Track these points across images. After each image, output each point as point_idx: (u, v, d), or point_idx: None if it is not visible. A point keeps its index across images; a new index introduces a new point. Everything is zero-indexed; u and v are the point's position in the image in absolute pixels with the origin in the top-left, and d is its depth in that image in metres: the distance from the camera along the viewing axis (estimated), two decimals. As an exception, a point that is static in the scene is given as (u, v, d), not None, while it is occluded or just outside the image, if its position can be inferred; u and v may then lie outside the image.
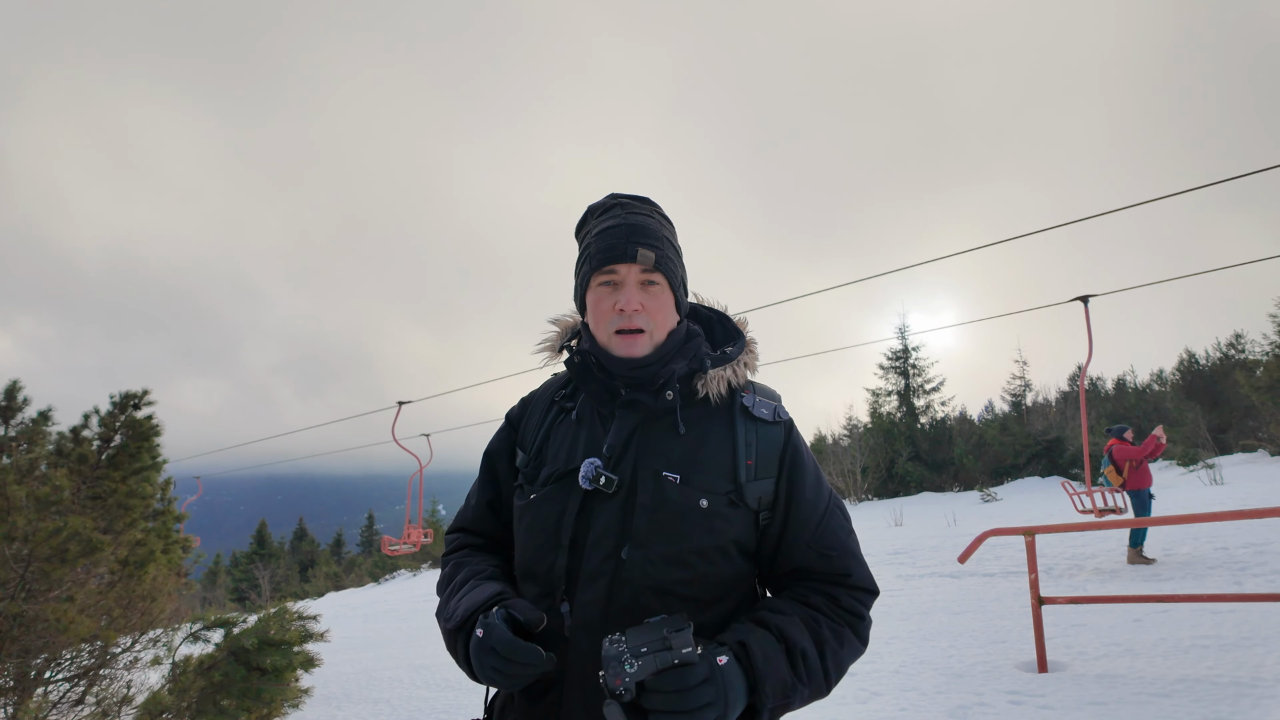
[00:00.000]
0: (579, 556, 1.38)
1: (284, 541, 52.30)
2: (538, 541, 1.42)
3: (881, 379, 34.17)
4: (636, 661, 1.15)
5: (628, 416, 1.46)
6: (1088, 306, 12.50)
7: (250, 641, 4.10)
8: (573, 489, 1.41)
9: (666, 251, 1.48)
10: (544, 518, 1.43)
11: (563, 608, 1.36)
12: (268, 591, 37.69)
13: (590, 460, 1.41)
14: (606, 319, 1.46)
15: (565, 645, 1.34)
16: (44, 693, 4.38)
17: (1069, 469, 26.73)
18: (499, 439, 1.65)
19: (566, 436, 1.50)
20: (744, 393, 1.52)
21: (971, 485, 28.19)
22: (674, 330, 1.51)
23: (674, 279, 1.49)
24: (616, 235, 1.45)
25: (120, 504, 4.20)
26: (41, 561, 3.71)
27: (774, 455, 1.46)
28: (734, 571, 1.42)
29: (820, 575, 1.44)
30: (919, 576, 10.74)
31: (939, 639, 6.89)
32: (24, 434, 4.67)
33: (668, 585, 1.34)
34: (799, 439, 1.52)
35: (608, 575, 1.35)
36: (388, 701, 7.59)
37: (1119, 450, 10.36)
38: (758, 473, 1.44)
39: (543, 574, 1.40)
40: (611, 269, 1.45)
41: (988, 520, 16.19)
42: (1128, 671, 5.29)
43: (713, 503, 1.39)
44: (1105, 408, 31.07)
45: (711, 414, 1.49)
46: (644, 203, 1.54)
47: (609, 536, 1.37)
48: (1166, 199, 9.04)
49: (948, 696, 5.20)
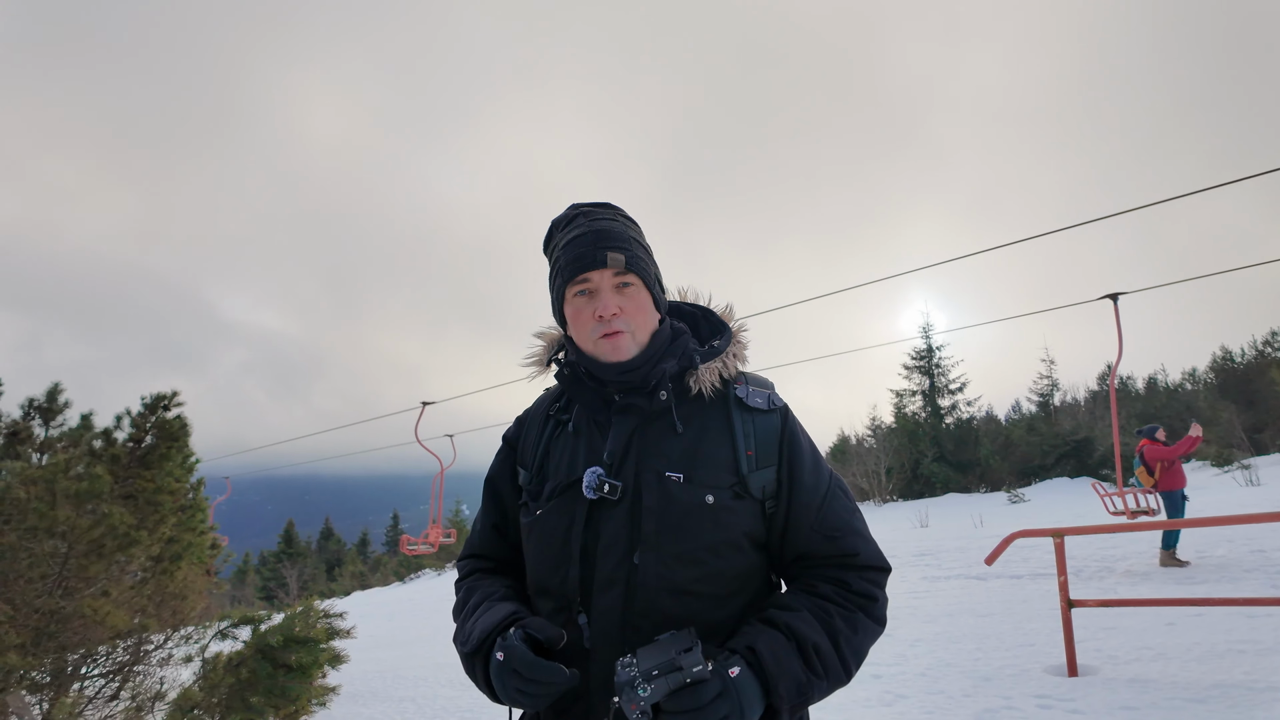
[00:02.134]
0: (591, 566, 1.38)
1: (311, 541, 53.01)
2: (548, 556, 1.43)
3: (905, 379, 33.86)
4: (649, 685, 1.16)
5: (624, 421, 1.46)
6: (1117, 304, 12.28)
7: (276, 639, 4.16)
8: (578, 500, 1.41)
9: (636, 252, 1.47)
10: (552, 531, 1.43)
11: (580, 619, 1.37)
12: (295, 590, 38.24)
13: (592, 469, 1.42)
14: (588, 328, 1.46)
15: (586, 657, 1.34)
16: (80, 688, 4.48)
17: (1098, 469, 26.28)
18: (498, 462, 1.66)
19: (566, 449, 1.50)
20: (736, 384, 1.52)
21: (998, 486, 27.82)
22: (658, 330, 1.51)
23: (648, 278, 1.48)
24: (583, 243, 1.44)
25: (150, 501, 4.28)
26: (79, 556, 3.80)
27: (773, 443, 1.46)
28: (747, 564, 1.42)
29: (827, 559, 1.43)
30: (945, 578, 10.62)
31: (966, 642, 6.81)
32: (65, 435, 4.79)
33: (683, 584, 1.34)
34: (795, 424, 1.52)
35: (622, 582, 1.35)
36: (413, 700, 7.67)
37: (1151, 450, 10.16)
38: (759, 462, 1.44)
39: (556, 587, 1.40)
40: (584, 278, 1.44)
41: (1015, 522, 15.96)
42: (1160, 676, 5.18)
43: (718, 498, 1.39)
44: (1136, 407, 30.49)
45: (707, 409, 1.49)
46: (606, 208, 1.54)
47: (619, 543, 1.37)
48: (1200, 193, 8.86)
49: (975, 700, 5.14)
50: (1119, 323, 12.36)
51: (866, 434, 34.12)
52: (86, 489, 3.74)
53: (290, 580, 40.38)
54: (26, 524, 3.67)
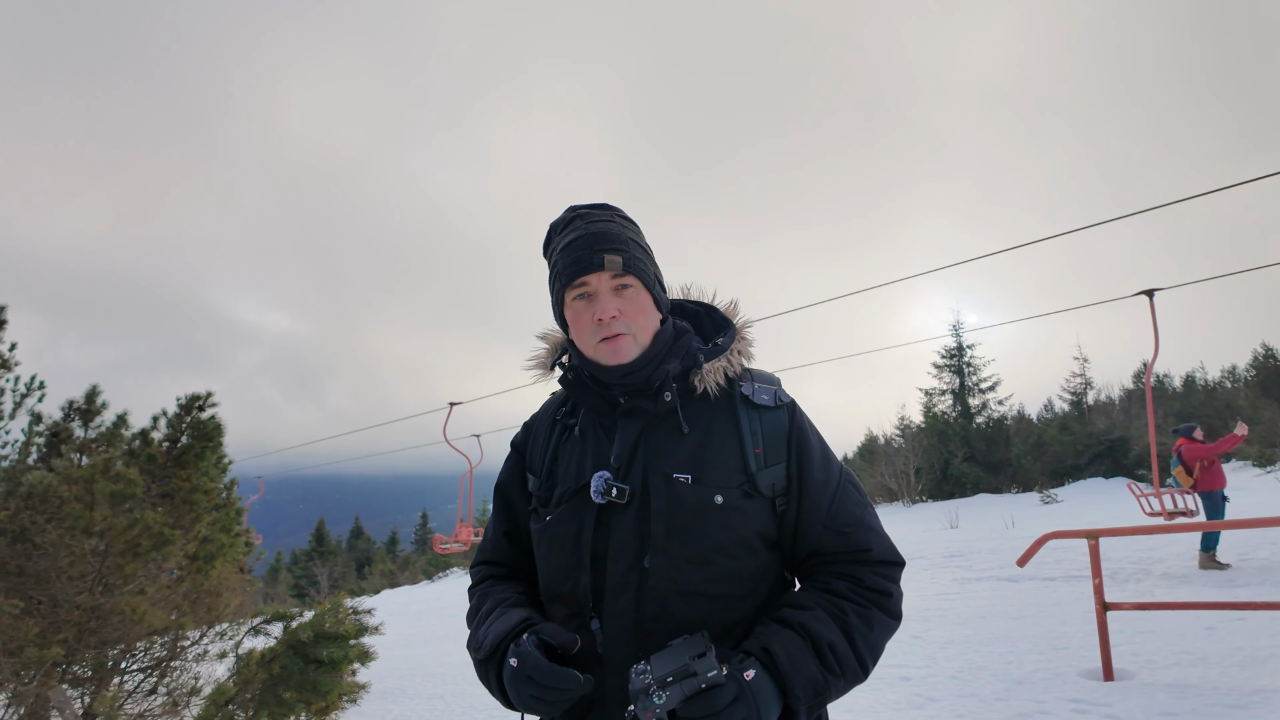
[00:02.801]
0: (602, 571, 1.37)
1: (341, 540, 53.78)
2: (559, 562, 1.42)
3: (935, 378, 33.44)
4: (664, 692, 1.15)
5: (630, 424, 1.45)
6: (1153, 301, 12.01)
7: (307, 635, 4.23)
8: (586, 505, 1.41)
9: (634, 253, 1.45)
10: (562, 537, 1.42)
11: (593, 625, 1.36)
12: (326, 588, 38.84)
13: (600, 474, 1.40)
14: (588, 332, 1.44)
15: (600, 663, 1.34)
16: (119, 683, 4.59)
17: (1134, 470, 25.73)
18: (508, 469, 1.65)
19: (574, 454, 1.50)
20: (742, 382, 1.50)
21: (1030, 486, 27.37)
22: (660, 330, 1.49)
23: (647, 278, 1.47)
24: (580, 246, 1.43)
25: (186, 500, 4.38)
26: (116, 555, 3.89)
27: (780, 440, 1.44)
28: (759, 564, 1.41)
29: (840, 555, 1.42)
30: (976, 580, 10.47)
31: (997, 644, 6.71)
32: (104, 436, 4.91)
33: (695, 587, 1.33)
34: (803, 419, 1.50)
35: (633, 586, 1.34)
36: (441, 697, 7.74)
37: (1189, 449, 9.92)
38: (767, 460, 1.42)
39: (568, 593, 1.40)
40: (582, 281, 1.43)
41: (1047, 523, 15.68)
42: (1200, 681, 5.06)
43: (727, 497, 1.37)
44: (1173, 406, 29.76)
45: (713, 408, 1.47)
46: (603, 209, 1.53)
47: (629, 547, 1.36)
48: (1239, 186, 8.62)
49: (1007, 704, 5.06)
50: (1155, 319, 12.09)
51: (895, 434, 33.75)
52: (120, 491, 3.83)
53: (321, 578, 41.02)
54: (66, 523, 3.77)
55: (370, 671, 4.74)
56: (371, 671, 4.75)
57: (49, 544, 3.75)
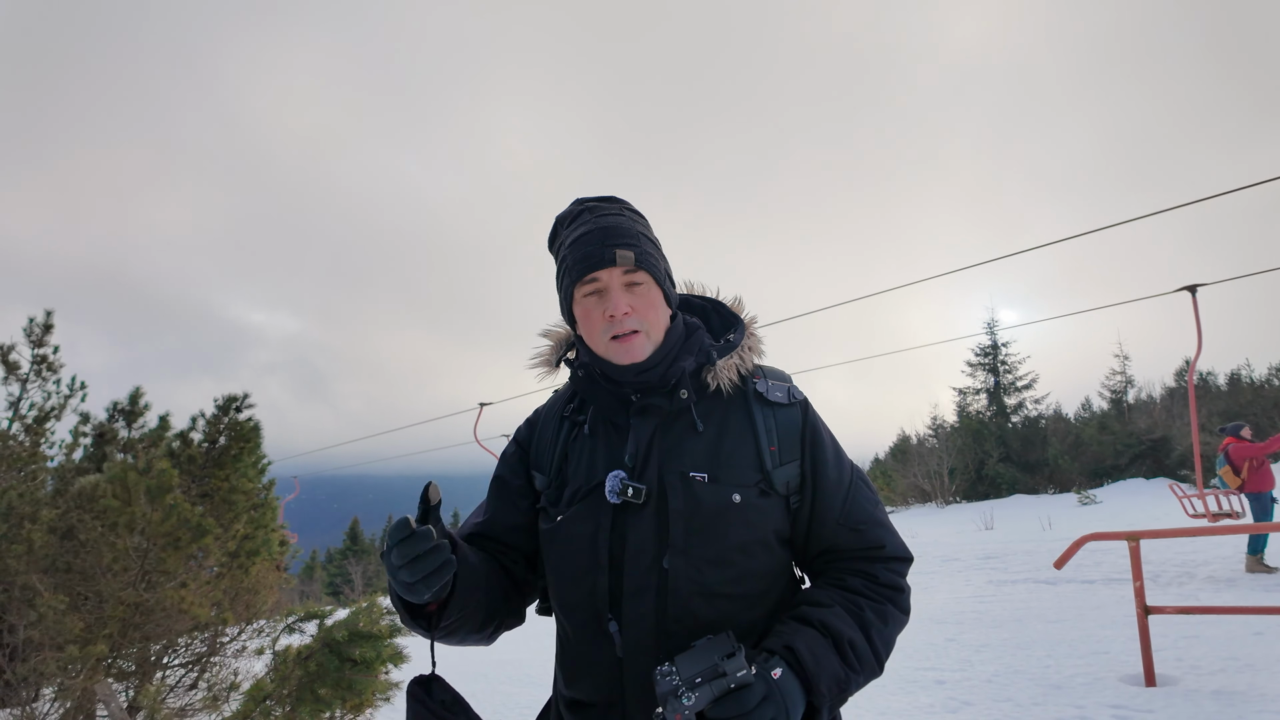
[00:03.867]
0: (619, 574, 1.34)
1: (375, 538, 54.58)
2: (574, 564, 1.39)
3: (969, 377, 32.91)
4: (693, 694, 1.14)
5: (644, 422, 1.42)
6: (1195, 296, 11.69)
7: (341, 633, 4.29)
8: (601, 505, 1.37)
9: (645, 247, 1.42)
10: (576, 538, 1.39)
11: (611, 627, 1.34)
12: (360, 587, 39.42)
13: (614, 473, 1.38)
14: (599, 329, 1.41)
15: (619, 667, 1.33)
16: (162, 677, 4.71)
17: (1176, 470, 25.04)
18: (507, 463, 1.59)
19: (584, 452, 1.46)
20: (755, 378, 1.48)
21: (1068, 487, 26.79)
22: (671, 326, 1.46)
23: (658, 274, 1.43)
24: (591, 241, 1.40)
25: (225, 500, 4.48)
26: (158, 550, 3.99)
27: (795, 437, 1.43)
28: (775, 562, 1.40)
29: (854, 552, 1.42)
30: (1012, 582, 10.29)
31: (1035, 648, 6.58)
32: (146, 436, 5.05)
33: (715, 587, 1.32)
34: (816, 417, 1.49)
35: (653, 588, 1.32)
36: (472, 696, 7.77)
37: (1237, 449, 9.64)
38: (782, 457, 1.41)
39: (584, 596, 1.37)
40: (593, 277, 1.39)
41: (1086, 524, 15.34)
42: (1248, 688, 4.91)
43: (745, 496, 1.36)
44: (1217, 405, 28.90)
45: (726, 406, 1.45)
46: (612, 202, 1.49)
47: (647, 548, 1.34)
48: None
49: (1045, 709, 4.96)
50: (1198, 316, 11.76)
51: (928, 433, 33.28)
52: (155, 485, 3.93)
53: (355, 577, 41.64)
54: (107, 519, 3.88)
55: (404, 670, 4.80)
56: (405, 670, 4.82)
57: (93, 540, 3.86)
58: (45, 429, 4.59)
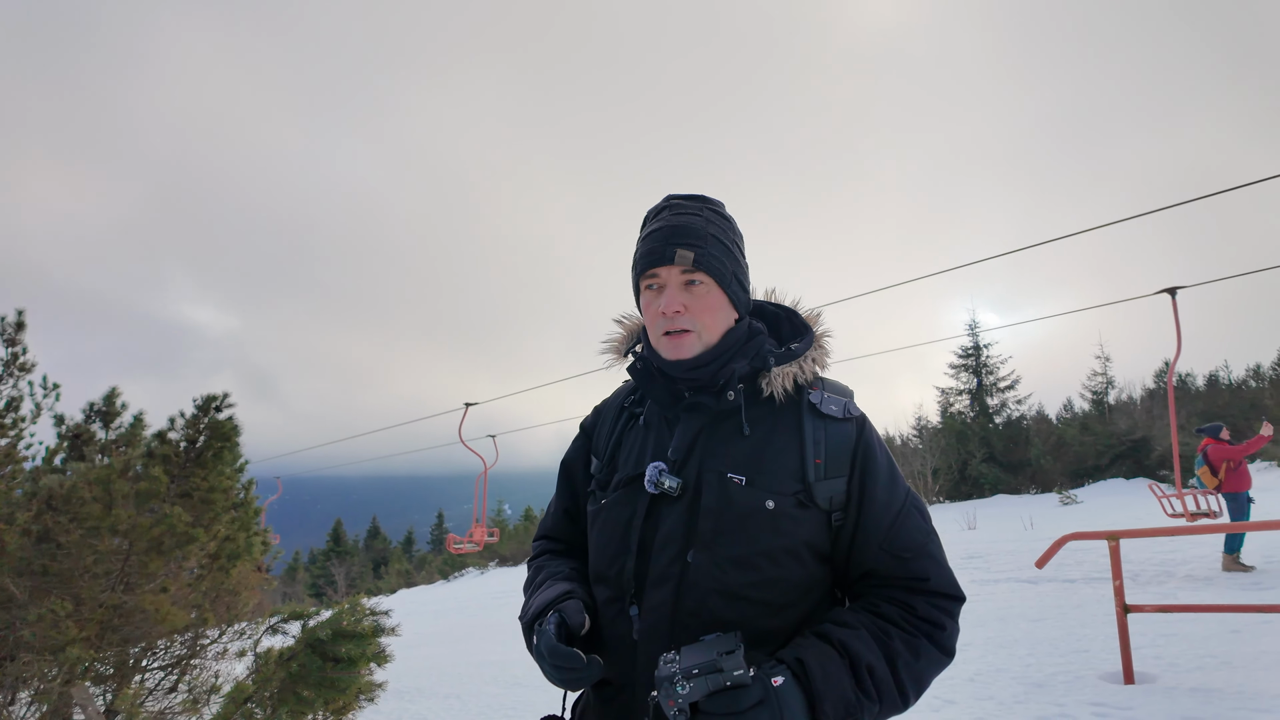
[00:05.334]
0: (647, 560, 1.38)
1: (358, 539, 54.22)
2: (608, 546, 1.44)
3: (952, 378, 33.20)
4: (689, 684, 1.15)
5: (692, 419, 1.45)
6: (1175, 299, 11.84)
7: (325, 633, 4.26)
8: (640, 493, 1.42)
9: (710, 249, 1.43)
10: (614, 522, 1.44)
11: (632, 611, 1.37)
12: (343, 588, 39.16)
13: (654, 464, 1.41)
14: (654, 323, 1.45)
15: (634, 649, 1.35)
16: (140, 680, 4.65)
17: (1156, 470, 25.40)
18: (575, 448, 1.68)
19: (636, 442, 1.51)
20: (812, 389, 1.47)
21: (1049, 487, 27.09)
22: (732, 329, 1.48)
23: (721, 277, 1.44)
24: (657, 239, 1.44)
25: (204, 500, 4.43)
26: (140, 554, 3.94)
27: (845, 453, 1.41)
28: (807, 575, 1.37)
29: (895, 580, 1.38)
30: (994, 581, 10.38)
31: (1017, 646, 6.64)
32: (122, 436, 4.98)
33: (735, 588, 1.32)
34: (872, 435, 1.46)
35: (674, 579, 1.34)
36: (458, 697, 7.78)
37: (1216, 450, 9.78)
38: (827, 471, 1.39)
39: (613, 578, 1.41)
40: (653, 273, 1.44)
41: (1067, 524, 15.51)
42: (1225, 685, 4.98)
43: (779, 504, 1.35)
44: (1196, 405, 29.31)
45: (777, 413, 1.45)
46: (694, 201, 1.51)
47: (675, 540, 1.36)
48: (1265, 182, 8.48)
49: (1027, 707, 5.00)
50: (1177, 318, 11.91)
51: (912, 434, 33.52)
52: (145, 489, 3.88)
53: (338, 578, 41.37)
54: (88, 523, 3.82)
55: (387, 671, 4.77)
56: (388, 671, 4.78)
57: (72, 544, 3.80)
58: (21, 429, 4.52)
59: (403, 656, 5.48)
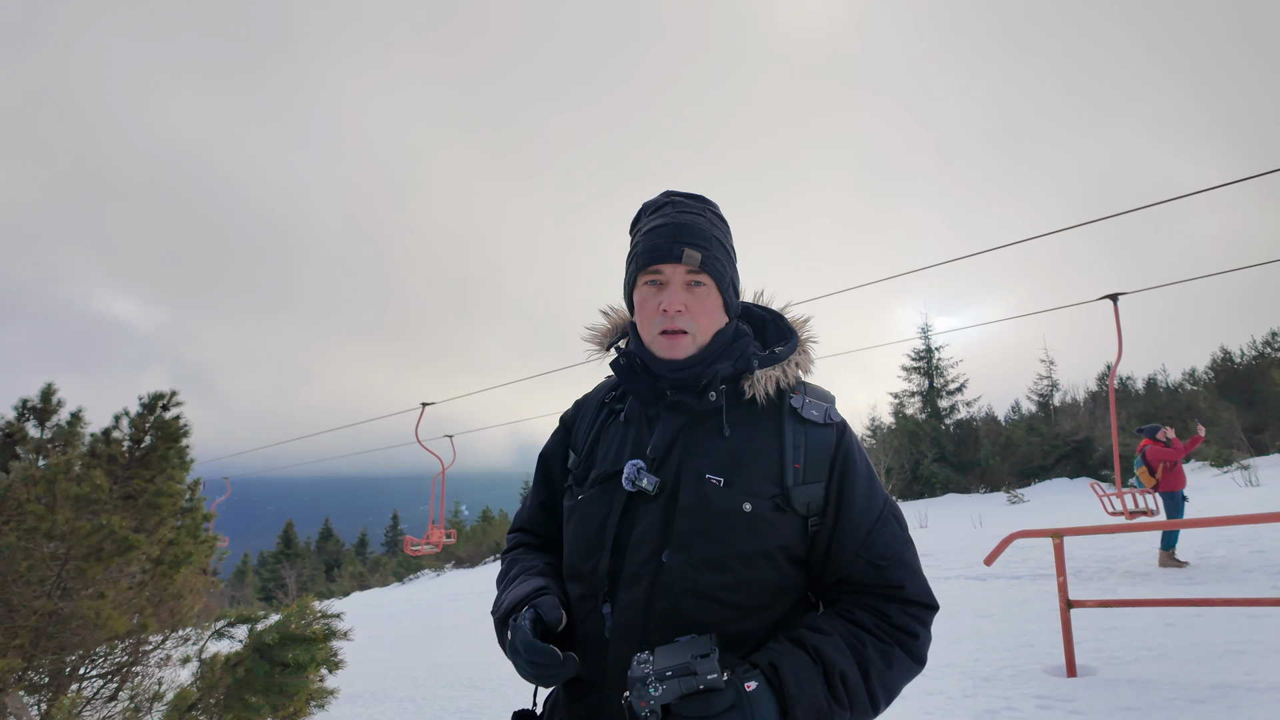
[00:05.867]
0: (622, 558, 1.36)
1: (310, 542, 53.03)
2: (583, 542, 1.42)
3: (905, 380, 33.90)
4: (661, 685, 1.14)
5: (672, 418, 1.45)
6: (1117, 305, 12.29)
7: (273, 637, 4.15)
8: (618, 491, 1.41)
9: (715, 252, 1.43)
10: (589, 519, 1.43)
11: (604, 609, 1.36)
12: (294, 591, 38.24)
13: (633, 462, 1.40)
14: (651, 319, 1.44)
15: (605, 647, 1.34)
16: (78, 689, 4.47)
17: (1098, 470, 26.29)
18: (553, 442, 1.66)
19: (615, 438, 1.50)
20: (794, 394, 1.47)
21: (998, 487, 27.83)
22: (721, 330, 1.48)
23: (722, 280, 1.44)
24: (663, 234, 1.42)
25: (149, 503, 4.28)
26: (78, 560, 3.79)
27: (824, 458, 1.41)
28: (781, 579, 1.37)
29: (870, 587, 1.38)
30: (945, 579, 10.62)
31: (965, 642, 6.81)
32: (59, 435, 4.78)
33: (709, 590, 1.32)
34: (852, 442, 1.46)
35: (648, 578, 1.33)
36: (412, 700, 7.66)
37: (1154, 451, 10.17)
38: (806, 476, 1.39)
39: (587, 574, 1.40)
40: (657, 269, 1.42)
41: (1015, 522, 15.96)
42: (1160, 676, 5.18)
43: (757, 506, 1.35)
44: (1136, 407, 30.48)
45: (758, 416, 1.45)
46: (697, 200, 1.50)
47: (650, 539, 1.35)
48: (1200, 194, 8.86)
49: (975, 700, 5.14)
50: (1119, 323, 12.37)
51: (866, 434, 34.12)
52: (85, 494, 3.73)
53: (289, 581, 40.39)
54: (25, 525, 3.66)
55: (340, 675, 4.67)
56: (341, 675, 4.68)
57: (6, 547, 3.64)
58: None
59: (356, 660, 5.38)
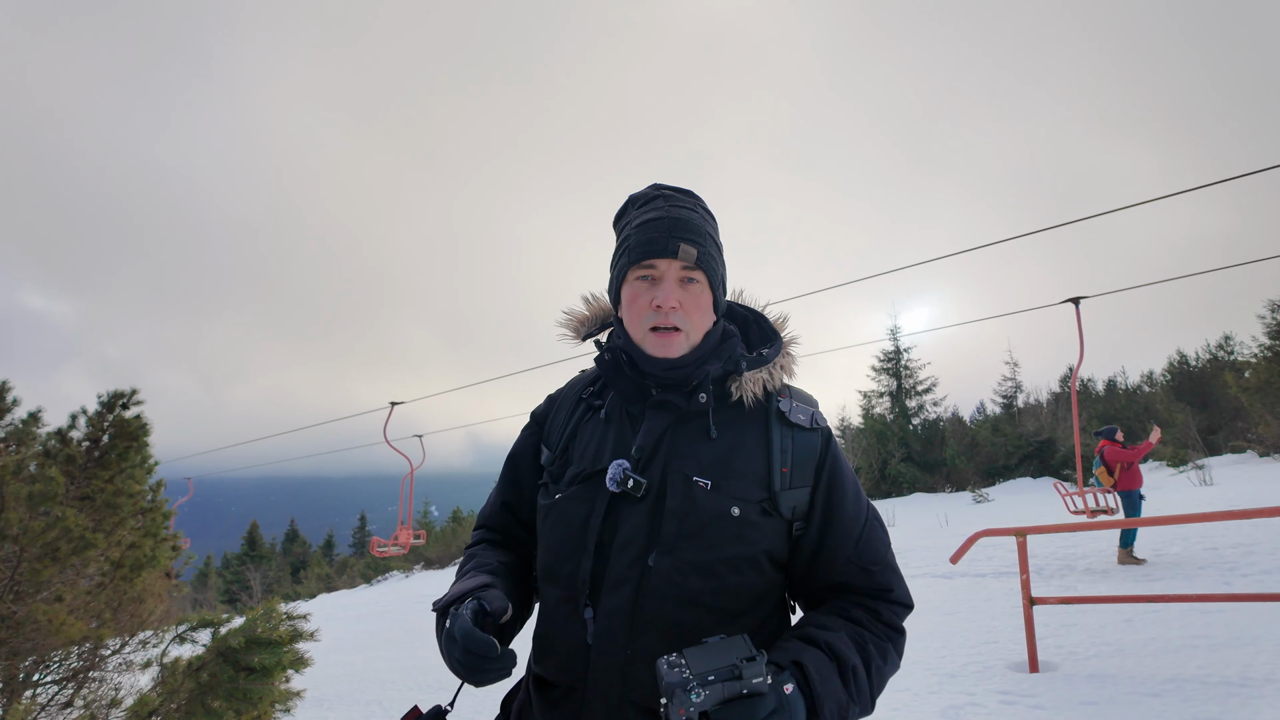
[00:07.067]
0: (604, 561, 1.33)
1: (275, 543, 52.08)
2: (563, 543, 1.38)
3: (874, 381, 34.30)
4: (703, 690, 1.07)
5: (658, 418, 1.41)
6: (1079, 308, 12.57)
7: (237, 641, 4.08)
8: (600, 490, 1.37)
9: (709, 248, 1.41)
10: (569, 519, 1.38)
11: (586, 613, 1.32)
12: (259, 593, 37.53)
13: (618, 462, 1.37)
14: (642, 315, 1.40)
15: (588, 653, 1.31)
16: (32, 695, 4.35)
17: (1060, 470, 26.85)
18: (523, 440, 1.61)
19: (594, 436, 1.46)
20: (780, 397, 1.46)
21: (964, 486, 28.27)
22: (710, 330, 1.45)
23: (714, 277, 1.42)
24: (658, 229, 1.38)
25: (108, 503, 4.17)
26: (32, 561, 3.68)
27: (810, 463, 1.40)
28: (764, 583, 1.36)
29: (862, 590, 1.40)
30: (911, 577, 10.77)
31: (931, 639, 6.91)
32: (13, 434, 4.64)
33: (693, 595, 1.30)
34: (837, 448, 1.46)
35: (633, 582, 1.30)
36: (379, 703, 7.57)
37: (1111, 452, 10.42)
38: (793, 481, 1.38)
39: (566, 577, 1.36)
40: (651, 264, 1.38)
41: (980, 521, 16.24)
42: (1118, 671, 5.31)
43: (745, 511, 1.33)
44: (1096, 409, 31.21)
45: (746, 418, 1.43)
46: (687, 195, 1.47)
47: (636, 541, 1.32)
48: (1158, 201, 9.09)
49: (940, 696, 5.22)
50: (1080, 326, 12.66)
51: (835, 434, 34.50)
52: (40, 491, 3.63)
53: (254, 583, 39.64)
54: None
55: (306, 678, 4.60)
56: (307, 678, 4.61)
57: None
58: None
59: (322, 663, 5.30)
